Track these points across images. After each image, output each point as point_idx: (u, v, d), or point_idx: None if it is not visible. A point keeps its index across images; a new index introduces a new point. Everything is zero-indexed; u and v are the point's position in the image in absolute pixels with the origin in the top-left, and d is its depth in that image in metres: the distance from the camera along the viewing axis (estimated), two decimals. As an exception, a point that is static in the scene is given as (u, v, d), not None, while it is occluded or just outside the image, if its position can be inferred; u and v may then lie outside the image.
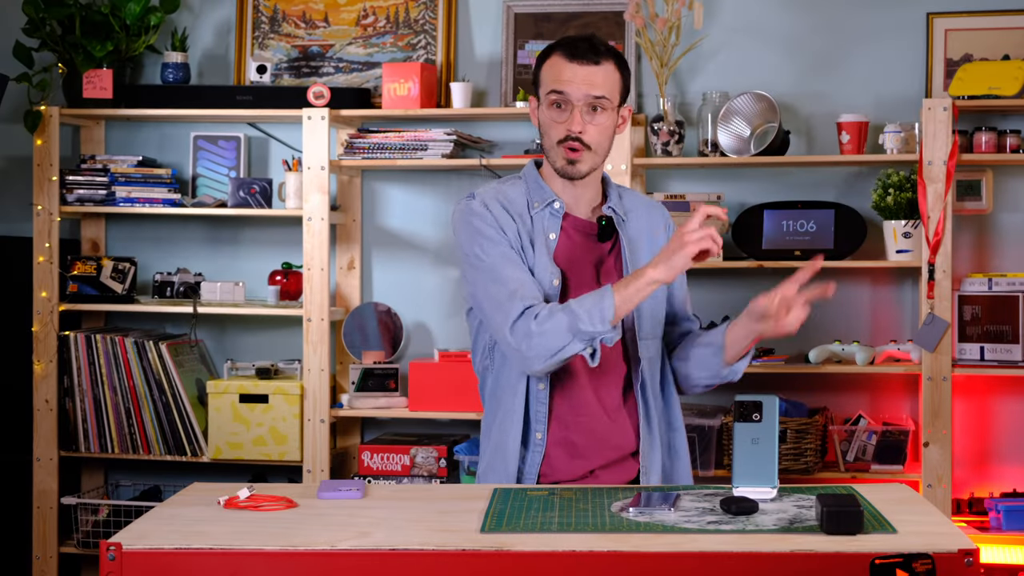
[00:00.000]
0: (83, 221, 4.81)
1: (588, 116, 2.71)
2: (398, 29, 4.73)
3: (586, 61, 2.71)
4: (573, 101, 2.70)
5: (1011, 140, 4.26)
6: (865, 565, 1.99)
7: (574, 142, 2.71)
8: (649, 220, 2.85)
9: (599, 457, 2.74)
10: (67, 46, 4.59)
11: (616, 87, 2.74)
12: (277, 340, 4.75)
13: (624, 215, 2.81)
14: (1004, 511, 4.14)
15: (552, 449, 2.73)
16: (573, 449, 2.74)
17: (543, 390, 2.73)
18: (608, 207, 2.79)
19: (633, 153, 4.35)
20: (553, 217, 2.76)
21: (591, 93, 2.70)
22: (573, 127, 2.70)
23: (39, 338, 4.55)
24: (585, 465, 2.74)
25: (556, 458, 2.73)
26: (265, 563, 2.06)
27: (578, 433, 2.74)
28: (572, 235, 2.78)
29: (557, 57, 2.73)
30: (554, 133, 2.73)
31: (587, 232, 2.79)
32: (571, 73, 2.70)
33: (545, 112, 2.74)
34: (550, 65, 2.74)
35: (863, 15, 4.51)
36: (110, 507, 4.60)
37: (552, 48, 2.76)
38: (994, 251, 4.46)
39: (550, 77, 2.73)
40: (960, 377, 4.31)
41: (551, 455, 2.73)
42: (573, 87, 2.70)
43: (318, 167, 4.42)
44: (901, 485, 2.51)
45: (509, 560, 2.04)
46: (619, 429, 2.75)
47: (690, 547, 2.05)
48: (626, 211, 2.82)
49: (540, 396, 2.73)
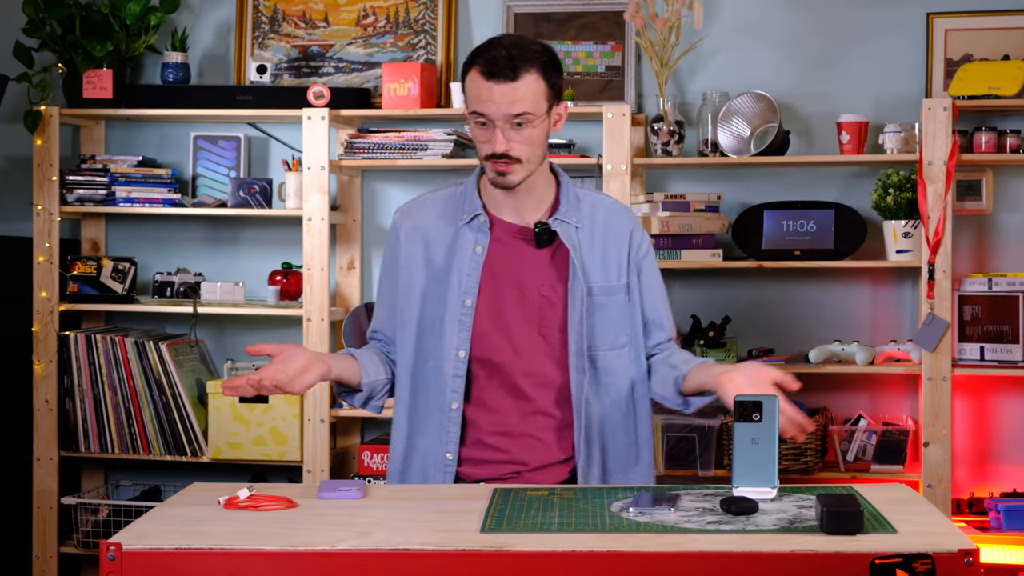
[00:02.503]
0: (83, 221, 4.81)
1: (512, 133, 2.64)
2: (398, 29, 4.73)
3: (503, 79, 2.61)
4: (494, 121, 2.63)
5: (1011, 140, 4.26)
6: (865, 565, 1.99)
7: (501, 159, 2.65)
8: (609, 228, 2.78)
9: (520, 463, 2.73)
10: (67, 46, 4.59)
11: (541, 95, 2.65)
12: (277, 340, 4.72)
13: (579, 222, 2.75)
14: (1004, 511, 4.14)
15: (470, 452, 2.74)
16: (491, 453, 2.74)
17: (456, 408, 2.72)
18: (556, 217, 2.74)
19: (633, 153, 4.35)
20: (480, 230, 2.74)
21: (510, 112, 2.62)
22: (496, 147, 2.64)
23: (39, 338, 4.56)
24: (504, 469, 2.73)
25: (472, 461, 2.74)
26: (265, 563, 2.06)
27: (496, 440, 2.73)
28: (507, 243, 2.74)
29: (476, 73, 2.64)
30: (482, 150, 2.68)
31: (525, 240, 2.75)
32: (488, 93, 2.62)
33: (472, 128, 2.69)
34: (470, 80, 2.66)
35: (863, 15, 4.51)
36: (110, 507, 4.60)
37: (473, 60, 2.67)
38: (994, 251, 4.46)
39: (471, 95, 2.65)
40: (960, 377, 4.31)
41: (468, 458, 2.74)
42: (492, 107, 2.62)
43: (318, 167, 4.42)
44: (901, 485, 2.51)
45: (509, 560, 2.04)
46: (544, 438, 2.73)
47: (690, 547, 2.05)
48: (582, 218, 2.76)
49: (453, 416, 2.72)
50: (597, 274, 2.74)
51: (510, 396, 2.73)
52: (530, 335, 2.72)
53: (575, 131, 4.56)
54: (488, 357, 2.72)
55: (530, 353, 2.72)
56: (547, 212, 2.76)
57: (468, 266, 2.72)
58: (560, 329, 2.72)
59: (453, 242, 2.74)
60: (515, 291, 2.73)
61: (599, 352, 2.74)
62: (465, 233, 2.74)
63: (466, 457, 2.74)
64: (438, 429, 2.73)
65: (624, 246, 2.78)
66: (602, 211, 2.79)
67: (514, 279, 2.73)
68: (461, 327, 2.71)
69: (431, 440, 2.74)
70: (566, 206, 2.76)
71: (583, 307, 2.71)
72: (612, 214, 2.80)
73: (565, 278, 2.73)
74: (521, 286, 2.73)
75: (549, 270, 2.73)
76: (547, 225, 2.73)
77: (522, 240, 2.75)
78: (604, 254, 2.76)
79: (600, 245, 2.76)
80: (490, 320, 2.72)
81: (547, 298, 2.72)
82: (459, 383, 2.71)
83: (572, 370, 2.72)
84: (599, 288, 2.74)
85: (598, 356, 2.74)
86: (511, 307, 2.72)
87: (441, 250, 2.75)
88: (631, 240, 2.80)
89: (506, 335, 2.72)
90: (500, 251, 2.74)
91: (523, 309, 2.72)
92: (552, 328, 2.73)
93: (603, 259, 2.76)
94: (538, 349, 2.73)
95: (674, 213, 4.32)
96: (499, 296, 2.72)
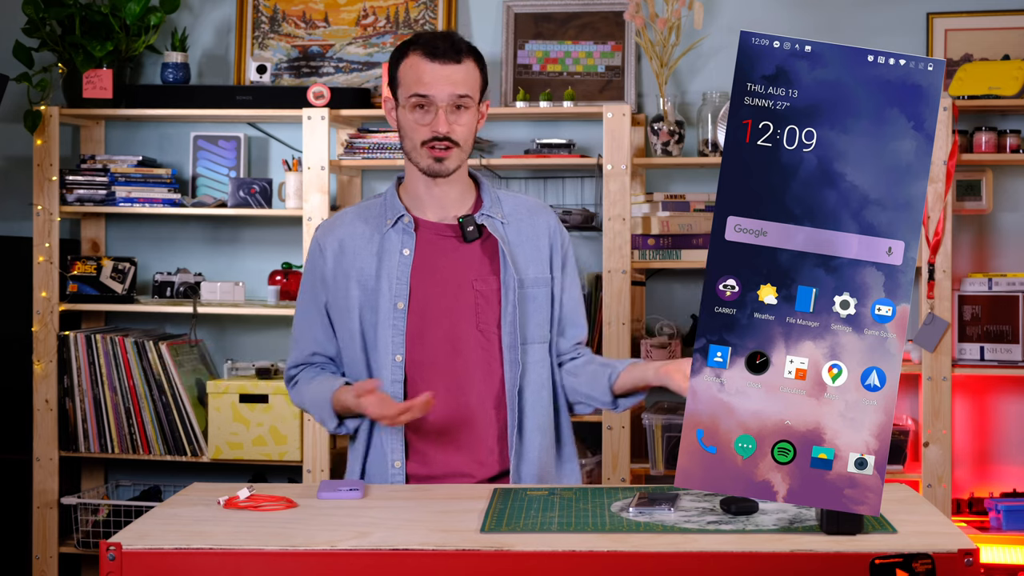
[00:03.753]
0: (83, 221, 4.81)
1: (453, 116, 2.67)
2: (398, 29, 4.73)
3: (447, 60, 2.66)
4: (437, 102, 2.66)
5: (1011, 140, 4.26)
6: (865, 565, 1.99)
7: (442, 141, 2.67)
8: (532, 224, 2.80)
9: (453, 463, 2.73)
10: (67, 46, 4.59)
11: (477, 84, 2.70)
12: (277, 340, 4.75)
13: (504, 217, 2.77)
14: (1004, 511, 4.14)
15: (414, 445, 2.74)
16: (425, 456, 2.73)
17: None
18: (481, 213, 2.75)
19: (633, 153, 4.35)
20: (405, 232, 2.74)
21: (455, 92, 2.66)
22: (439, 128, 2.66)
23: (39, 338, 4.55)
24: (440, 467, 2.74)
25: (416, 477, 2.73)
26: (265, 563, 2.06)
27: (432, 436, 2.73)
28: (435, 242, 2.75)
29: (417, 57, 2.67)
30: (417, 135, 2.68)
31: (452, 236, 2.75)
32: (432, 74, 2.65)
33: (407, 115, 2.69)
34: (409, 65, 2.68)
35: (863, 15, 4.51)
36: (110, 507, 4.60)
37: (409, 47, 2.70)
38: (994, 251, 4.46)
39: (411, 78, 2.67)
40: (960, 377, 4.32)
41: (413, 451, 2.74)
42: (436, 88, 2.65)
43: (318, 167, 4.42)
44: (901, 485, 2.51)
45: (509, 560, 2.04)
46: (481, 435, 2.73)
47: (690, 547, 2.05)
48: (506, 215, 2.78)
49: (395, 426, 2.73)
50: (526, 266, 2.75)
51: (451, 396, 2.72)
52: (468, 331, 2.72)
53: (575, 131, 4.56)
54: (425, 359, 2.71)
55: (469, 350, 2.72)
56: (470, 210, 2.78)
57: (397, 269, 2.72)
58: (496, 324, 2.73)
59: (380, 249, 2.74)
60: (448, 288, 2.72)
61: (529, 345, 2.75)
62: (391, 237, 2.74)
63: (411, 473, 2.73)
64: (384, 440, 2.73)
65: (546, 240, 2.80)
66: (524, 208, 2.82)
67: (445, 276, 2.73)
68: (395, 331, 2.70)
69: (379, 452, 2.75)
70: (489, 203, 2.78)
71: (516, 299, 2.72)
72: (534, 211, 2.82)
73: (497, 271, 2.73)
74: (454, 283, 2.73)
75: (480, 264, 2.74)
76: (471, 217, 2.74)
77: (449, 237, 2.75)
78: (530, 247, 2.77)
79: (527, 238, 2.78)
80: (424, 321, 2.72)
81: (481, 292, 2.73)
82: (398, 388, 2.70)
83: (506, 364, 2.72)
84: (530, 280, 2.76)
85: (527, 349, 2.74)
86: (446, 305, 2.72)
87: (369, 259, 2.74)
88: (553, 235, 2.81)
89: (443, 334, 2.72)
90: (428, 250, 2.74)
91: (458, 305, 2.72)
92: (490, 322, 2.73)
93: (529, 252, 2.77)
94: (476, 344, 2.72)
95: (674, 213, 4.32)
96: (432, 296, 2.72)
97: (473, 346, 2.72)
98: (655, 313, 4.54)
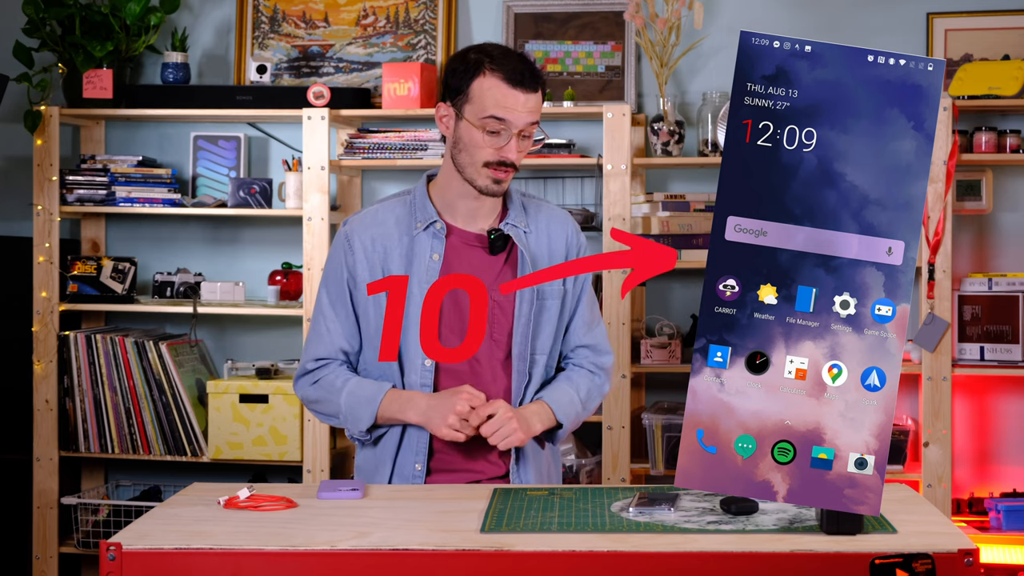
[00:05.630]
0: (83, 221, 4.81)
1: (523, 142, 2.69)
2: (398, 29, 4.73)
3: (528, 89, 2.66)
4: (512, 129, 2.66)
5: (1011, 140, 4.26)
6: (865, 565, 1.99)
7: (507, 167, 2.67)
8: (550, 234, 2.80)
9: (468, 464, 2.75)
10: (67, 46, 4.59)
11: (541, 109, 2.73)
12: (277, 340, 4.75)
13: (526, 227, 2.78)
14: (1004, 511, 4.14)
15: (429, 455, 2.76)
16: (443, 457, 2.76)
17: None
18: (506, 222, 2.76)
19: (633, 153, 4.35)
20: (436, 237, 2.73)
21: (531, 120, 2.67)
22: (510, 155, 2.66)
23: (39, 338, 4.56)
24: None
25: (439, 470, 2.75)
26: (265, 563, 2.06)
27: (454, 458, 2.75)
28: (462, 250, 2.75)
29: (497, 79, 2.65)
30: (481, 155, 2.67)
31: (479, 245, 2.76)
32: (514, 101, 2.65)
33: (475, 133, 2.66)
34: (488, 86, 2.66)
35: (863, 15, 4.51)
36: (110, 507, 4.60)
37: (487, 65, 2.67)
38: (994, 251, 4.46)
39: (489, 100, 2.65)
40: (960, 377, 4.32)
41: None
42: (516, 116, 2.65)
43: (318, 167, 4.42)
44: (901, 485, 2.51)
45: (509, 560, 2.04)
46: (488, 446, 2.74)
47: (690, 547, 2.05)
48: (529, 224, 2.78)
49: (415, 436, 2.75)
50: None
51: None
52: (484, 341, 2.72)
53: (575, 131, 4.56)
54: (449, 364, 2.73)
55: (485, 359, 2.74)
56: (497, 219, 2.78)
57: (427, 274, 2.72)
58: (507, 334, 2.74)
59: (409, 251, 2.74)
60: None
61: (538, 356, 2.77)
62: (421, 240, 2.74)
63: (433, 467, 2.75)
64: (408, 439, 2.75)
65: (562, 250, 2.80)
66: (544, 216, 2.82)
67: None
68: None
69: (404, 451, 2.75)
70: (514, 212, 2.78)
71: (531, 310, 2.74)
72: (553, 219, 2.83)
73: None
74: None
75: (501, 275, 2.75)
76: (500, 231, 2.75)
77: (476, 247, 2.76)
78: (549, 257, 2.79)
79: (546, 247, 2.79)
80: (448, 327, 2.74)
81: (497, 302, 2.73)
82: (427, 392, 2.72)
83: (514, 374, 2.75)
84: (548, 292, 2.77)
85: (536, 360, 2.77)
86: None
87: (399, 260, 2.74)
88: (571, 245, 2.82)
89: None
90: (455, 258, 2.74)
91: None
92: (502, 333, 2.74)
93: (547, 264, 2.77)
94: (490, 355, 2.74)
95: (674, 213, 4.32)
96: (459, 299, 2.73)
97: (485, 354, 2.74)
98: (655, 313, 4.54)
